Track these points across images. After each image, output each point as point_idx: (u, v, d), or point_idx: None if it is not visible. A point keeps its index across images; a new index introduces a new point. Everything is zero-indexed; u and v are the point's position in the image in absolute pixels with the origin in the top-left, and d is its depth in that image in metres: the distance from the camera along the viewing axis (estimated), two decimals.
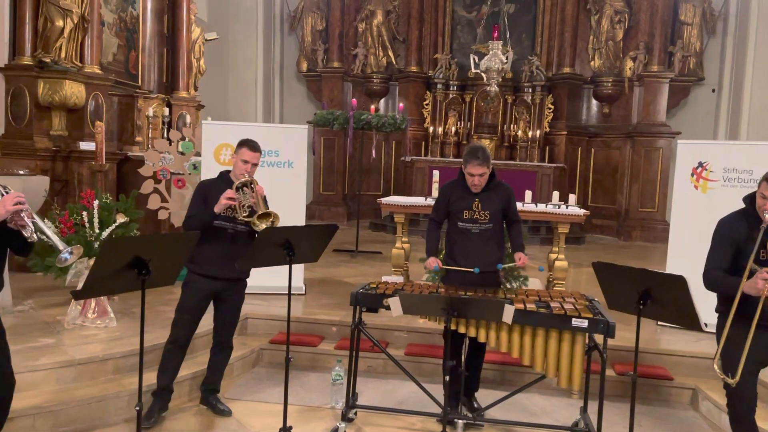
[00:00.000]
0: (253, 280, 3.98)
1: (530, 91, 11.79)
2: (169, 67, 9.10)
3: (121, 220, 4.88)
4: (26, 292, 5.29)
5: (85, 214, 4.72)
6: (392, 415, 4.00)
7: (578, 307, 3.50)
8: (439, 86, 12.00)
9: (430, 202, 6.00)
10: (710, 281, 3.08)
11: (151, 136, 8.02)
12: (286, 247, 3.34)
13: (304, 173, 5.97)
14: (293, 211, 5.52)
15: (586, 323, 3.35)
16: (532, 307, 3.45)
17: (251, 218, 3.61)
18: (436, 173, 6.72)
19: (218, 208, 3.58)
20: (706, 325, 3.12)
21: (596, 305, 3.60)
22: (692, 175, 5.32)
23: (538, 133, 11.63)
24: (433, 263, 3.94)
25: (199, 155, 6.21)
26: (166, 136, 7.86)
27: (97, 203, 4.76)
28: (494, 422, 3.91)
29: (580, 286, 6.96)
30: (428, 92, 12.15)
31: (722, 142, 9.84)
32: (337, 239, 3.86)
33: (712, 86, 11.63)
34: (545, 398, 4.41)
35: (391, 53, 12.52)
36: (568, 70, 11.77)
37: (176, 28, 9.03)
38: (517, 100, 11.94)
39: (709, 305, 3.18)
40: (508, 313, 3.27)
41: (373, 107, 10.11)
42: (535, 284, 6.24)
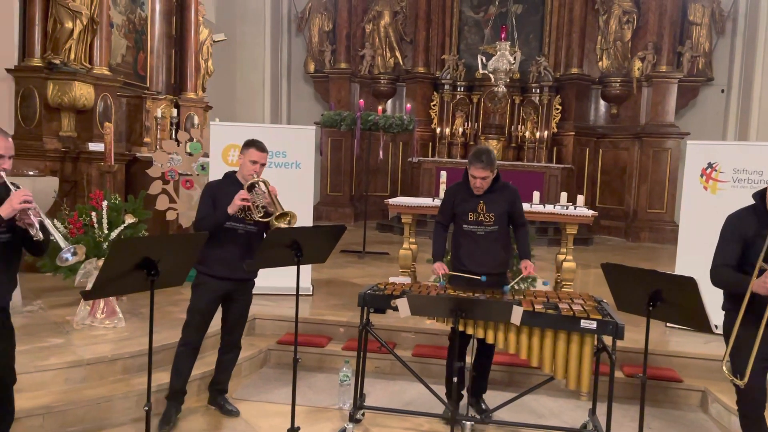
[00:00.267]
0: (260, 280, 3.98)
1: (538, 91, 11.76)
2: (177, 68, 9.13)
3: (129, 220, 4.91)
4: (35, 292, 5.32)
5: (94, 214, 4.75)
6: (400, 416, 4.00)
7: (587, 308, 3.48)
8: (446, 87, 11.98)
9: (437, 203, 5.99)
10: (718, 278, 3.05)
11: (159, 137, 8.05)
12: (294, 248, 3.35)
13: (311, 174, 5.98)
14: (301, 211, 5.43)
15: (594, 325, 3.33)
16: (540, 308, 3.44)
17: (267, 219, 3.61)
18: (443, 174, 6.71)
19: (232, 208, 3.57)
20: (716, 326, 3.10)
21: (605, 307, 3.59)
22: (702, 176, 5.29)
23: (545, 133, 11.61)
24: (439, 269, 3.91)
25: (207, 156, 6.23)
26: (174, 137, 7.88)
27: (105, 204, 4.79)
28: (502, 424, 3.90)
29: (587, 287, 6.93)
30: (435, 93, 12.14)
31: (732, 142, 9.79)
32: (344, 240, 3.86)
33: (721, 86, 11.56)
34: (553, 400, 4.39)
35: (398, 54, 12.52)
36: (576, 70, 11.74)
37: (184, 29, 9.06)
38: (524, 100, 11.91)
39: (719, 307, 3.16)
40: (516, 314, 3.26)
41: (380, 108, 10.12)
42: (542, 286, 6.22)
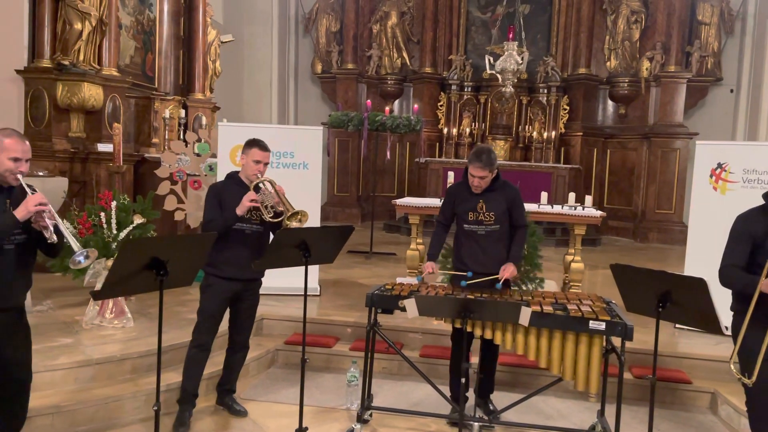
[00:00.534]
0: (268, 281, 3.99)
1: (545, 92, 11.73)
2: (185, 69, 9.16)
3: (138, 221, 4.92)
4: (45, 292, 5.35)
5: (103, 215, 4.76)
6: (407, 416, 3.99)
7: (595, 309, 3.47)
8: (453, 87, 11.97)
9: None
10: (726, 278, 3.03)
11: (167, 137, 8.07)
12: (302, 248, 3.35)
13: (319, 174, 5.99)
14: (308, 212, 5.50)
15: (603, 326, 3.32)
16: (548, 309, 3.43)
17: (278, 219, 3.61)
18: (450, 174, 6.73)
19: (241, 210, 3.56)
20: (726, 328, 3.08)
21: (614, 308, 3.57)
22: (711, 176, 5.26)
23: (553, 134, 11.57)
24: (428, 268, 3.88)
25: (214, 157, 6.25)
26: (182, 137, 7.90)
27: (114, 204, 4.81)
28: (510, 425, 3.89)
29: (595, 287, 6.91)
30: (442, 93, 12.13)
31: (742, 142, 9.72)
32: (351, 240, 3.86)
33: (730, 86, 11.49)
34: (562, 401, 4.38)
35: (405, 54, 12.52)
36: (583, 70, 11.70)
37: (192, 30, 9.09)
38: (532, 101, 11.88)
39: (728, 308, 3.14)
40: (525, 315, 3.25)
41: (387, 108, 10.12)
42: (551, 286, 6.21)
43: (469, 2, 12.31)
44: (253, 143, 3.73)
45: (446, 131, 11.93)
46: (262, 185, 3.69)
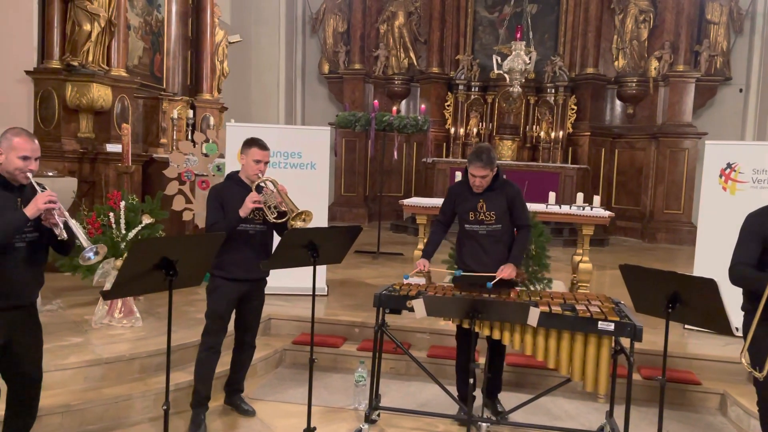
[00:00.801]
0: (276, 281, 3.99)
1: (553, 91, 11.70)
2: (193, 69, 9.19)
3: (146, 221, 4.95)
4: (54, 291, 5.38)
5: (111, 215, 4.79)
6: (415, 417, 3.99)
7: (604, 310, 3.45)
8: (460, 87, 11.96)
9: None
10: (736, 275, 3.02)
11: (175, 138, 8.10)
12: (310, 248, 3.36)
13: (326, 175, 5.99)
14: (316, 212, 5.40)
15: (612, 326, 3.30)
16: (557, 309, 3.42)
17: (283, 219, 3.59)
18: (458, 174, 6.70)
19: (244, 211, 3.53)
20: (737, 329, 3.06)
21: (622, 308, 3.56)
22: (720, 176, 5.23)
23: (560, 134, 11.54)
24: (420, 265, 3.88)
25: (222, 157, 6.27)
26: (190, 138, 7.93)
27: (123, 204, 4.83)
28: (518, 425, 3.88)
29: (603, 288, 6.88)
30: (450, 93, 12.12)
31: (752, 142, 9.66)
32: (358, 240, 3.86)
33: (739, 86, 11.41)
34: (570, 402, 4.36)
35: (412, 54, 12.52)
36: (591, 70, 11.66)
37: (200, 31, 9.11)
38: (539, 100, 11.86)
39: (739, 308, 3.12)
40: (533, 315, 3.24)
41: (394, 108, 10.11)
42: (558, 287, 6.19)
43: (476, 2, 12.29)
44: (251, 142, 3.69)
45: (453, 131, 11.92)
46: (264, 185, 3.67)
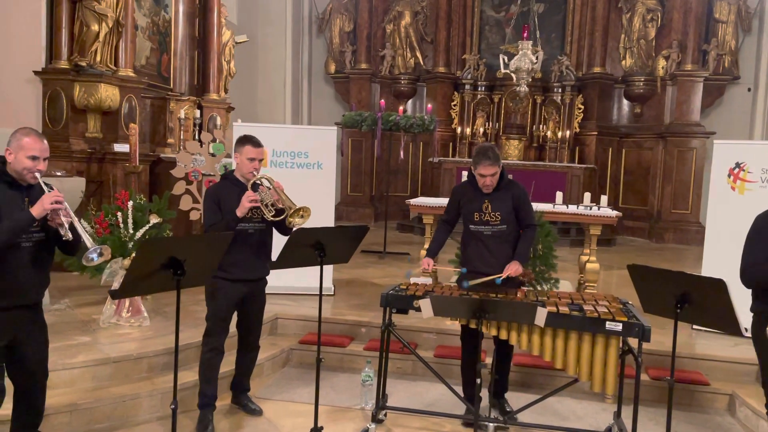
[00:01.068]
0: (282, 280, 3.99)
1: (560, 91, 11.67)
2: (200, 69, 9.21)
3: (154, 220, 4.96)
4: (62, 291, 5.41)
5: (119, 214, 4.81)
6: (422, 416, 3.99)
7: (612, 310, 3.44)
8: (467, 87, 11.94)
9: None
10: (751, 277, 2.99)
11: (182, 137, 8.12)
12: (317, 247, 3.36)
13: (333, 174, 5.99)
14: (322, 212, 5.53)
15: (620, 327, 3.29)
16: (564, 310, 3.41)
17: (280, 217, 3.58)
18: (464, 174, 6.68)
19: (241, 211, 3.49)
20: (746, 329, 3.04)
21: (630, 308, 3.54)
22: (729, 176, 5.20)
23: (567, 133, 11.50)
24: (425, 264, 3.88)
25: (229, 157, 6.27)
26: (197, 137, 7.96)
27: (131, 204, 4.85)
28: (525, 425, 3.87)
29: (611, 288, 6.86)
30: (456, 93, 12.10)
31: (760, 141, 9.59)
32: (364, 240, 3.85)
33: (747, 85, 11.35)
34: (578, 402, 4.35)
35: (418, 54, 12.51)
36: (598, 69, 11.62)
37: (207, 31, 9.14)
38: (546, 100, 11.83)
39: (748, 309, 3.11)
40: (540, 316, 3.23)
41: (401, 108, 10.11)
42: (566, 287, 6.17)
43: (482, 1, 12.27)
44: (245, 140, 3.64)
45: (460, 131, 11.91)
46: (259, 183, 3.64)
